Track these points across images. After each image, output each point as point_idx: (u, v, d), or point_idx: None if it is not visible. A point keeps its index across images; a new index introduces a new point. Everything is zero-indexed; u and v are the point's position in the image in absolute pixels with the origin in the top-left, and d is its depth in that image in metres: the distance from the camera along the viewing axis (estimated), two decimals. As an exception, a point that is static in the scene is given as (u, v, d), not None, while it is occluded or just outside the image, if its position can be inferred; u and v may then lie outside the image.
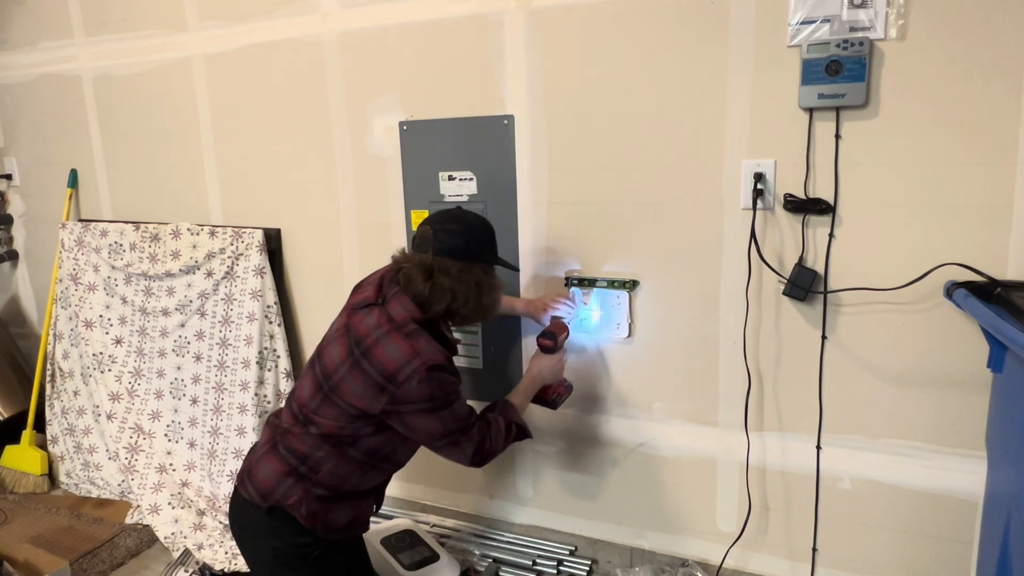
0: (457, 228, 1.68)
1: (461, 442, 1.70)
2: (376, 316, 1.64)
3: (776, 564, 2.13)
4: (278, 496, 1.67)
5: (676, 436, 2.17)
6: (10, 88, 3.21)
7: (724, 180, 1.95)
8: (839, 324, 1.90)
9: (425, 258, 1.66)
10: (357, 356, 1.61)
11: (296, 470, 1.67)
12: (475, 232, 1.71)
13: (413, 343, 1.59)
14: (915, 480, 1.90)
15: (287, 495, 1.66)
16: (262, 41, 2.53)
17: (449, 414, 1.65)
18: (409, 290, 1.67)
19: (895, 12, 1.70)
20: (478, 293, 1.69)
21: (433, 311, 1.67)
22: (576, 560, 2.36)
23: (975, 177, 1.71)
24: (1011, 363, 1.50)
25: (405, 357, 1.57)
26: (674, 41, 1.94)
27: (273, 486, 1.67)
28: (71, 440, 3.06)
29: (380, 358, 1.58)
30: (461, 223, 1.70)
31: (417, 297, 1.66)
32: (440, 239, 1.66)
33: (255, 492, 1.69)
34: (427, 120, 2.30)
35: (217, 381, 2.72)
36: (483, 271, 1.71)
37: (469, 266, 1.67)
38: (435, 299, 1.65)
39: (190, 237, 2.74)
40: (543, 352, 2.02)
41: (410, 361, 1.57)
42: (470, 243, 1.68)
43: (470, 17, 2.17)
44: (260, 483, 1.69)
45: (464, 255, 1.67)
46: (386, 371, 1.58)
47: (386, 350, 1.58)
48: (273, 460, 1.70)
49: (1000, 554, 1.50)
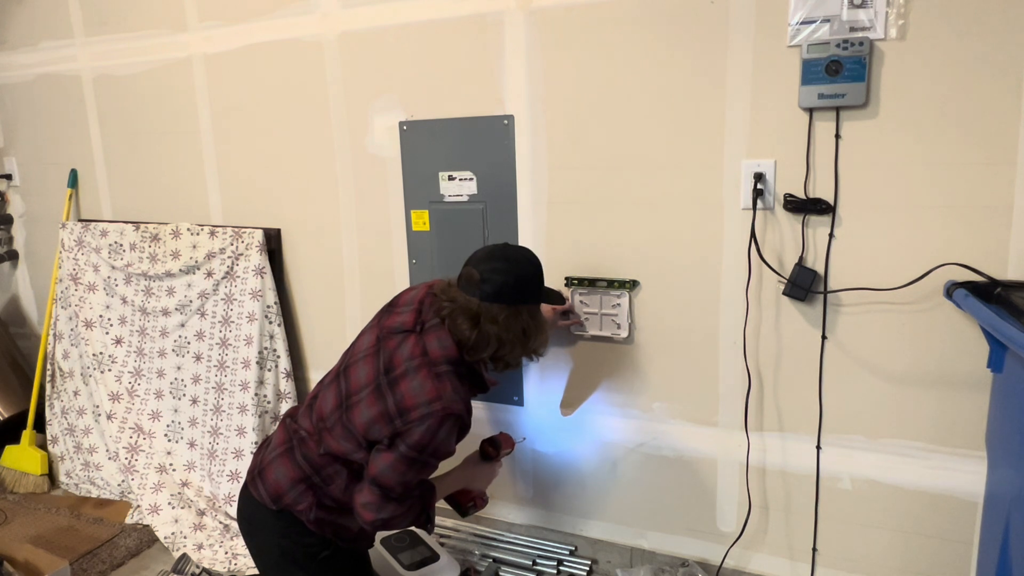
0: (504, 268, 1.59)
1: (387, 503, 1.58)
2: (411, 347, 1.59)
3: (776, 564, 2.13)
4: (288, 501, 1.66)
5: (676, 436, 2.17)
6: (10, 88, 3.20)
7: (724, 180, 1.95)
8: (839, 324, 1.90)
9: (471, 303, 1.58)
10: (383, 383, 1.58)
11: (309, 479, 1.66)
12: (523, 273, 1.62)
13: (440, 385, 1.54)
14: (915, 480, 1.90)
15: (298, 501, 1.66)
16: (262, 41, 2.53)
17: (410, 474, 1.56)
18: (453, 332, 1.60)
19: (895, 12, 1.70)
20: (524, 339, 1.63)
21: (477, 357, 1.62)
22: (576, 560, 2.36)
23: (975, 177, 1.71)
24: (1011, 363, 1.50)
25: (427, 397, 1.53)
26: (674, 41, 1.94)
27: (285, 490, 1.66)
28: (71, 440, 3.06)
29: (403, 391, 1.55)
30: (508, 262, 1.60)
31: (461, 342, 1.60)
32: (488, 283, 1.57)
33: (266, 494, 1.68)
34: (427, 120, 2.30)
35: (217, 381, 2.72)
36: (530, 314, 1.63)
37: (517, 311, 1.59)
38: (480, 347, 1.60)
39: (190, 237, 2.74)
40: (482, 458, 1.97)
41: (431, 403, 1.52)
42: (519, 286, 1.59)
43: (470, 17, 2.17)
44: (272, 485, 1.68)
45: (512, 300, 1.58)
46: (404, 406, 1.54)
47: (411, 384, 1.54)
48: (287, 464, 1.68)
49: (1000, 554, 1.50)
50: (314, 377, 2.76)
